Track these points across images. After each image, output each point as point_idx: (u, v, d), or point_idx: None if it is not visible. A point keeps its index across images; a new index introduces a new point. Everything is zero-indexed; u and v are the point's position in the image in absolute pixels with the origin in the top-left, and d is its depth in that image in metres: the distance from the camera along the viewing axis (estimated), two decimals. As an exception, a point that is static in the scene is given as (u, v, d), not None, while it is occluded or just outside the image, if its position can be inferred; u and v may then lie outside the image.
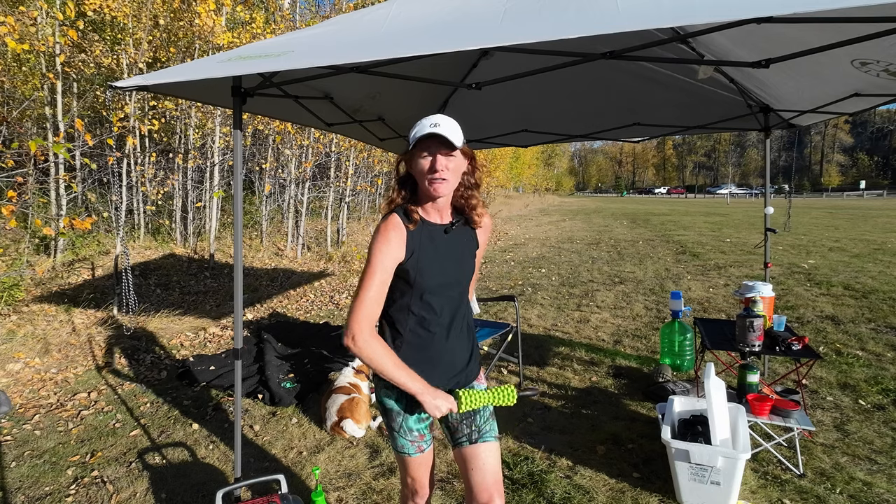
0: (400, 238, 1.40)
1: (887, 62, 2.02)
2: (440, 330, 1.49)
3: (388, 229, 1.40)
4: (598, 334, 4.87)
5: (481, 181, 1.56)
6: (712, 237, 12.28)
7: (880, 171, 69.65)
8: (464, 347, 1.57)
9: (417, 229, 1.43)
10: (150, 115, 7.71)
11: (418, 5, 1.89)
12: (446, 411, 1.40)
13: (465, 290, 1.57)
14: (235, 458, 2.27)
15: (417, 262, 1.42)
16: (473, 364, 1.61)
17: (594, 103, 3.74)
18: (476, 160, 1.51)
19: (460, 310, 1.55)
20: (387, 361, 1.36)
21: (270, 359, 4.14)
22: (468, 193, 1.51)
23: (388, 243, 1.38)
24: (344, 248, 10.19)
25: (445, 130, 1.35)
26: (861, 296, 5.86)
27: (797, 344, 2.73)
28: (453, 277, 1.50)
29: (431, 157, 1.37)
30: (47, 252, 7.00)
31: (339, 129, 3.68)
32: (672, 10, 1.27)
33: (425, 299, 1.46)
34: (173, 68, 2.06)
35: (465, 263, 1.54)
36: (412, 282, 1.43)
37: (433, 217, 1.48)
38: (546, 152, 49.74)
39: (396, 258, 1.40)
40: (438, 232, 1.48)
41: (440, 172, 1.37)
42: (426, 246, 1.44)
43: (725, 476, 2.17)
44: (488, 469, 1.50)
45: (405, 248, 1.41)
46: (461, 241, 1.53)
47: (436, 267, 1.45)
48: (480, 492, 1.48)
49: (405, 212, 1.44)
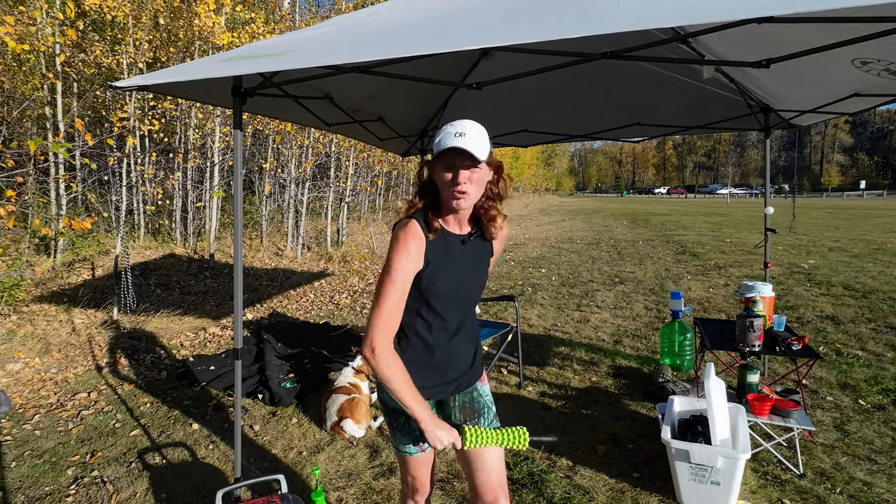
0: (419, 248, 1.36)
1: (888, 61, 2.02)
2: (446, 336, 1.48)
3: (409, 238, 1.34)
4: (598, 334, 4.87)
5: (506, 193, 1.48)
6: (712, 237, 12.28)
7: (880, 171, 69.65)
8: (468, 351, 1.57)
9: (436, 238, 1.40)
10: (150, 115, 7.71)
11: (418, 5, 1.89)
12: (448, 444, 1.35)
13: (474, 299, 1.55)
14: (235, 458, 2.27)
15: (432, 272, 1.39)
16: (476, 366, 1.61)
17: (594, 103, 3.74)
18: (503, 170, 1.45)
19: (468, 316, 1.55)
20: (400, 381, 1.32)
21: (270, 359, 4.14)
22: (489, 204, 1.45)
23: (408, 253, 1.33)
24: (344, 248, 10.19)
25: (470, 143, 1.28)
26: (861, 296, 5.86)
27: (797, 344, 2.72)
28: (465, 287, 1.48)
29: (454, 170, 1.32)
30: (47, 252, 7.00)
31: (339, 129, 3.68)
32: (672, 10, 1.27)
33: (434, 307, 1.44)
34: (173, 68, 2.06)
35: (478, 274, 1.52)
36: (423, 289, 1.41)
37: (452, 227, 1.44)
38: (546, 152, 49.71)
39: (416, 268, 1.36)
40: (456, 242, 1.44)
41: (461, 186, 1.32)
42: (442, 256, 1.40)
43: (725, 476, 2.17)
44: (493, 469, 1.49)
45: (423, 258, 1.37)
46: (477, 251, 1.50)
47: (449, 277, 1.42)
48: (486, 492, 1.48)
49: (425, 219, 1.40)
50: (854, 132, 76.84)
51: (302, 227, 9.80)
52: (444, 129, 1.33)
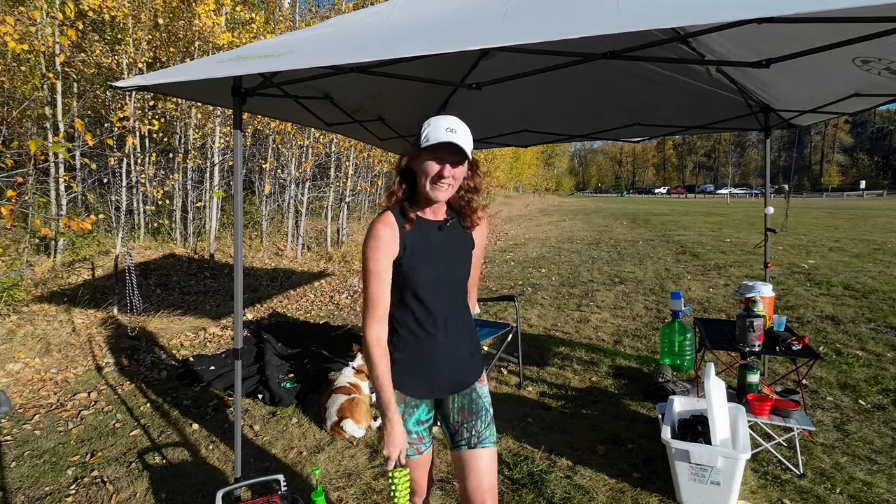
0: (392, 235, 1.42)
1: (889, 60, 2.02)
2: (435, 330, 1.49)
3: (379, 228, 1.41)
4: (598, 334, 4.87)
5: (481, 186, 1.57)
6: (712, 237, 12.28)
7: (880, 171, 69.64)
8: (464, 349, 1.57)
9: (412, 227, 1.45)
10: (150, 115, 7.71)
11: (418, 5, 1.89)
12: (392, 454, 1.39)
13: (460, 289, 1.56)
14: (235, 458, 2.27)
15: (411, 257, 1.44)
16: (475, 366, 1.60)
17: (594, 103, 3.74)
18: (478, 167, 1.54)
19: (456, 309, 1.55)
20: (379, 370, 1.40)
21: (270, 359, 4.13)
22: (468, 197, 1.53)
23: (379, 241, 1.40)
24: (344, 248, 10.19)
25: (461, 139, 1.36)
26: (861, 296, 5.86)
27: (797, 344, 2.72)
28: (446, 273, 1.50)
29: (441, 164, 1.38)
30: (47, 252, 7.00)
31: (339, 129, 3.68)
32: (672, 11, 1.27)
33: (419, 296, 1.46)
34: (173, 68, 2.06)
35: (458, 260, 1.54)
36: (405, 276, 1.45)
37: (428, 215, 1.50)
38: (546, 152, 49.70)
39: (391, 254, 1.42)
40: (432, 228, 1.49)
41: (447, 179, 1.39)
42: (419, 242, 1.45)
43: (725, 476, 2.17)
44: (484, 474, 1.52)
45: (398, 244, 1.43)
46: (455, 238, 1.54)
47: (428, 262, 1.46)
48: (475, 497, 1.51)
49: (401, 210, 1.46)
50: (854, 132, 76.84)
51: (302, 227, 9.80)
52: (432, 123, 1.38)
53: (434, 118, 1.40)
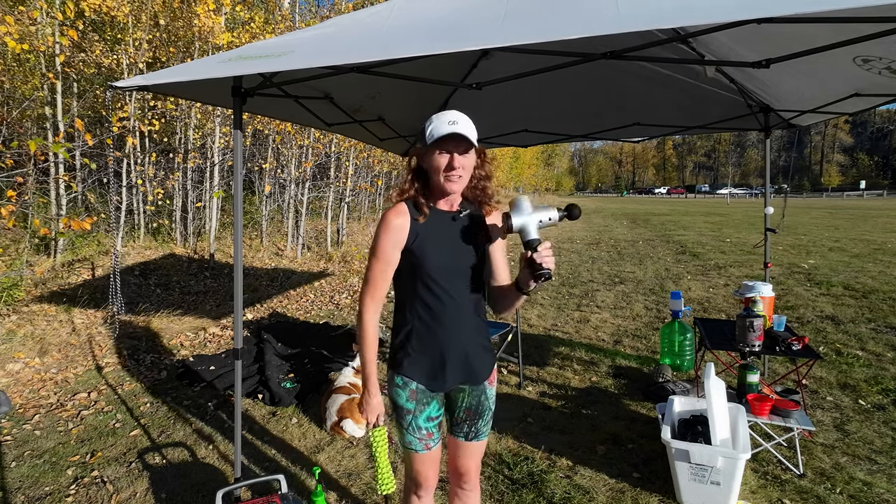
0: (403, 223, 1.45)
1: (889, 59, 2.02)
2: (445, 320, 1.48)
3: (391, 216, 1.45)
4: (598, 334, 4.87)
5: (492, 173, 1.62)
6: (712, 237, 12.28)
7: (880, 171, 69.65)
8: (475, 340, 1.55)
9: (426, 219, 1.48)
10: (150, 115, 7.71)
11: (418, 5, 1.89)
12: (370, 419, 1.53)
13: (472, 281, 1.53)
14: (235, 458, 2.27)
15: (421, 245, 1.46)
16: (483, 362, 1.58)
17: (594, 103, 3.74)
18: (486, 154, 1.58)
19: (467, 301, 1.52)
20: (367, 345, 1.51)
21: (270, 359, 4.13)
22: (482, 185, 1.56)
23: (388, 227, 1.45)
24: (344, 248, 10.19)
25: (463, 129, 1.38)
26: (861, 296, 5.86)
27: (797, 344, 2.73)
28: (457, 263, 1.50)
29: (449, 155, 1.41)
30: (47, 252, 7.00)
31: (339, 129, 3.68)
32: (672, 11, 1.27)
33: (429, 285, 1.47)
34: (173, 68, 2.06)
35: (470, 251, 1.52)
36: (416, 264, 1.46)
37: (442, 206, 1.52)
38: (546, 152, 49.64)
39: (399, 241, 1.45)
40: (446, 219, 1.51)
41: (457, 169, 1.41)
42: (431, 231, 1.47)
43: (725, 476, 2.17)
44: (473, 459, 1.69)
45: (409, 232, 1.46)
46: (468, 229, 1.53)
47: (439, 251, 1.47)
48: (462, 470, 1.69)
49: (415, 204, 1.48)
50: (854, 132, 76.84)
51: (302, 227, 9.80)
52: (434, 119, 1.41)
53: (435, 115, 1.42)
